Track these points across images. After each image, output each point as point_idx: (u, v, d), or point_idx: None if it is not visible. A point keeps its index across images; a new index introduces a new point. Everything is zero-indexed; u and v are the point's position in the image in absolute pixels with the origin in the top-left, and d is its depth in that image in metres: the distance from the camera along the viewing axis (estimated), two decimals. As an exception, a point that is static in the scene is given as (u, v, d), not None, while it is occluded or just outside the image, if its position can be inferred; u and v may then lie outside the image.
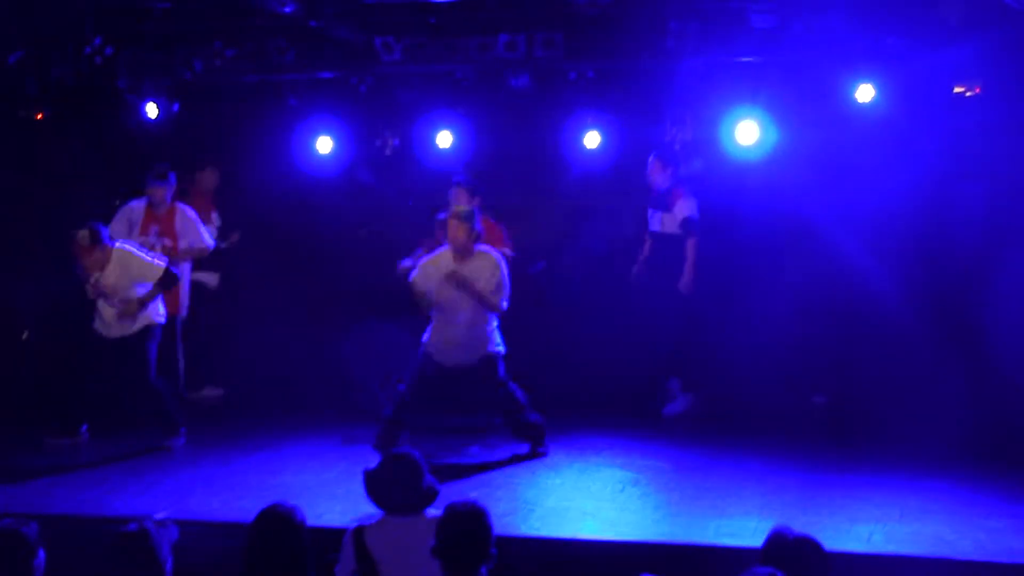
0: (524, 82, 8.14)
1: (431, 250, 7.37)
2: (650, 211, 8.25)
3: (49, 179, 8.88)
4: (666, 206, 8.10)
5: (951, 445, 6.88)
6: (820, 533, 3.91)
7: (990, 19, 6.99)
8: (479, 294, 6.88)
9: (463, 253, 6.97)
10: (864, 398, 8.02)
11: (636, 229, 9.11)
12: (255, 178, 9.23)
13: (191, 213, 8.20)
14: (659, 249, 8.20)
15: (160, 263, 7.23)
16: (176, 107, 8.72)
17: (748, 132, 8.06)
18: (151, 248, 7.76)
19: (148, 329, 7.31)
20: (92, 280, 7.12)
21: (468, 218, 6.93)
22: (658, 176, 8.14)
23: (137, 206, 8.11)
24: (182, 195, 8.35)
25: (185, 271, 8.22)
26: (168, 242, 8.08)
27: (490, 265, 6.98)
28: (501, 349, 7.13)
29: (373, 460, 4.63)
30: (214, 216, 8.89)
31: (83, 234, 6.99)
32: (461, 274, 6.89)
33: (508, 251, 7.81)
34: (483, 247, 7.09)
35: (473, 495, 4.08)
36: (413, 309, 7.24)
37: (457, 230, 6.92)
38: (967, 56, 7.33)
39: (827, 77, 7.77)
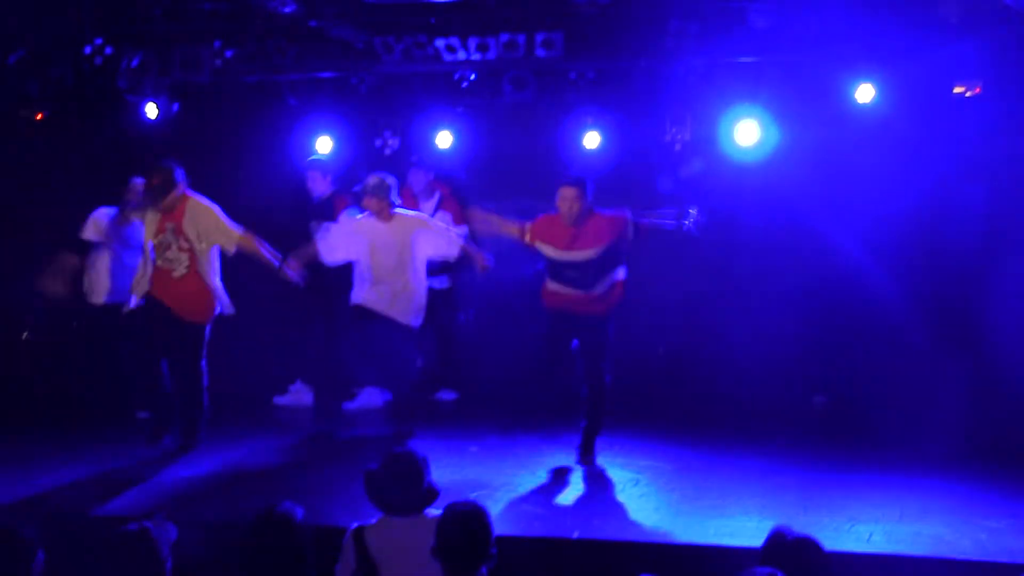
0: (523, 92, 8.16)
1: None
2: (313, 222, 8.27)
3: (49, 179, 8.88)
4: (330, 214, 8.14)
5: (951, 445, 6.88)
6: (820, 533, 3.91)
7: (990, 19, 6.99)
8: None
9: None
10: (864, 398, 8.03)
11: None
12: (255, 178, 9.22)
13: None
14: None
15: None
16: (176, 107, 8.72)
17: (748, 132, 8.07)
18: None
19: None
20: None
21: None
22: (318, 185, 8.34)
23: None
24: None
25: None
26: None
27: None
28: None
29: (374, 460, 4.63)
30: None
31: None
32: None
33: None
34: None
35: (473, 495, 4.08)
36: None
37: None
38: (967, 56, 7.33)
39: (827, 77, 7.77)
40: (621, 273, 6.93)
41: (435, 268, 8.22)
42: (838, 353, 8.35)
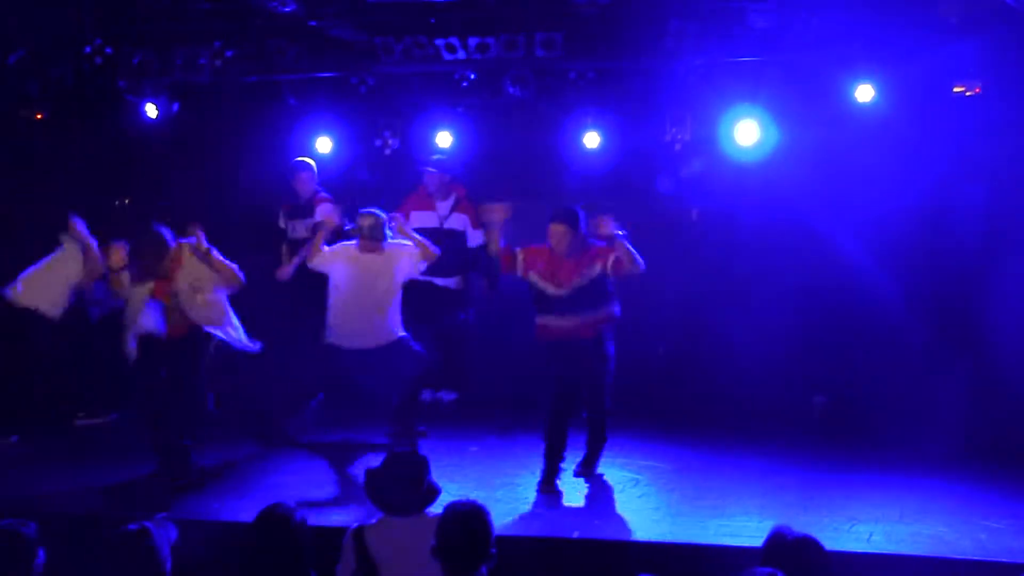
0: (523, 92, 8.15)
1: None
2: (292, 221, 8.38)
3: (49, 179, 8.89)
4: (310, 213, 8.19)
5: (950, 445, 6.88)
6: (820, 533, 3.91)
7: (990, 19, 6.99)
8: None
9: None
10: (864, 398, 8.02)
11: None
12: (255, 178, 9.22)
13: None
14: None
15: None
16: (176, 107, 8.71)
17: (748, 132, 8.06)
18: None
19: None
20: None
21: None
22: (306, 186, 8.37)
23: None
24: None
25: None
26: None
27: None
28: None
29: (375, 460, 4.63)
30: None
31: None
32: None
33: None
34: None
35: (473, 495, 4.08)
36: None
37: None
38: (967, 56, 7.33)
39: (827, 77, 7.77)
40: (615, 308, 6.77)
41: (448, 269, 8.18)
42: (838, 353, 8.34)
